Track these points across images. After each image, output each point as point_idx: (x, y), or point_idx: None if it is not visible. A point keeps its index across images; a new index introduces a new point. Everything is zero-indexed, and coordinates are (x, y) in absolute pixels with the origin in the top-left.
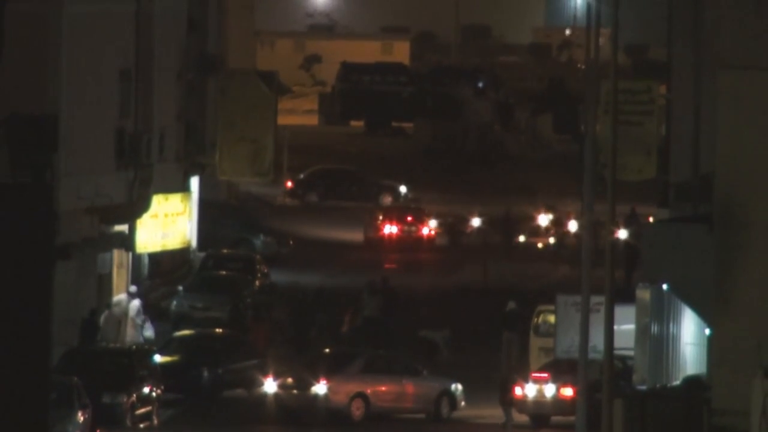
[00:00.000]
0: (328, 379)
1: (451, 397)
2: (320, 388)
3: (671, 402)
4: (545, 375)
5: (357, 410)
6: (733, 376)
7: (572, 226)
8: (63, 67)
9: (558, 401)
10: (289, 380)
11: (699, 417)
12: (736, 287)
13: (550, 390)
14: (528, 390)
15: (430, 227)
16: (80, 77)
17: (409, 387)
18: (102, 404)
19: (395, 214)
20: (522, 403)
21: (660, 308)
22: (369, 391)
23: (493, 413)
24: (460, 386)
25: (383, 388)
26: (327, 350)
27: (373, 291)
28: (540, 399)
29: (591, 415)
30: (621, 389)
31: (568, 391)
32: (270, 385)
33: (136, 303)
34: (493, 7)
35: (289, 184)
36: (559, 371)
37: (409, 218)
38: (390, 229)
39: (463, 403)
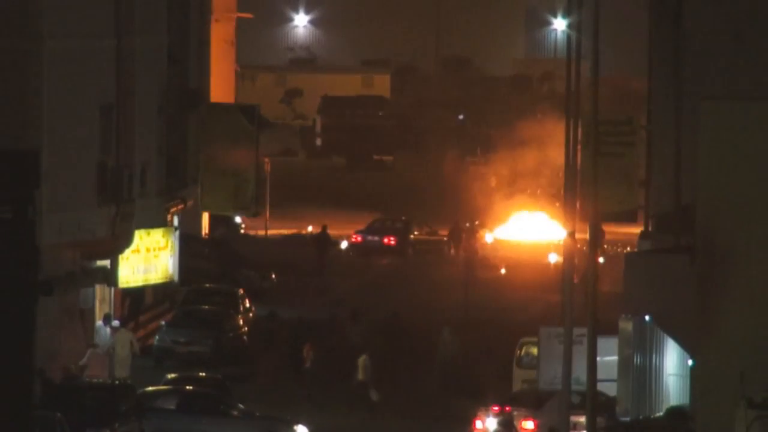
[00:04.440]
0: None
1: None
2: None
3: None
4: (506, 408)
5: None
6: (717, 406)
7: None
8: (44, 102)
9: None
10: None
11: None
12: (718, 318)
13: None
14: (489, 423)
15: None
16: (61, 113)
17: (213, 427)
18: None
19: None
20: None
21: (642, 339)
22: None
23: None
24: (303, 429)
25: (175, 428)
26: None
27: (357, 319)
28: None
29: None
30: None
31: (529, 425)
32: None
33: (100, 326)
34: (474, 40)
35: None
36: (521, 404)
37: None
38: None
39: None
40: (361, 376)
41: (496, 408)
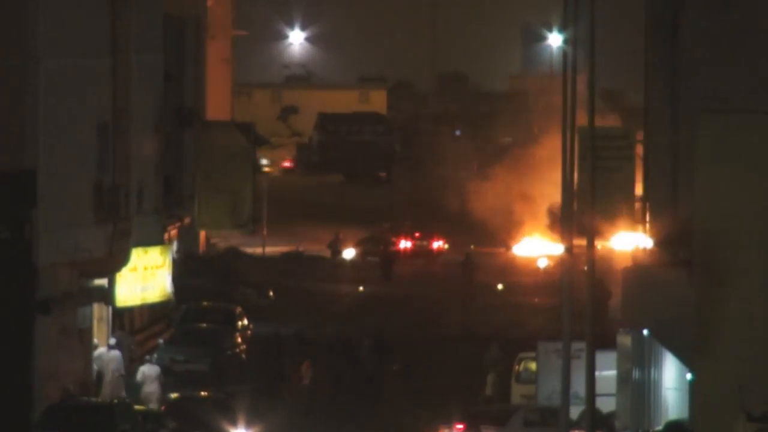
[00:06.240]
0: None
1: None
2: None
3: None
4: (461, 426)
5: None
6: (716, 420)
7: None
8: (40, 121)
9: None
10: None
11: None
12: (717, 331)
13: None
14: None
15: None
16: (58, 132)
17: None
18: None
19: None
20: None
21: (641, 353)
22: None
23: None
24: None
25: None
26: None
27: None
28: None
29: None
30: None
31: None
32: None
33: (116, 354)
34: (470, 56)
35: None
36: (479, 420)
37: None
38: None
39: None
40: (489, 391)
41: (460, 426)
